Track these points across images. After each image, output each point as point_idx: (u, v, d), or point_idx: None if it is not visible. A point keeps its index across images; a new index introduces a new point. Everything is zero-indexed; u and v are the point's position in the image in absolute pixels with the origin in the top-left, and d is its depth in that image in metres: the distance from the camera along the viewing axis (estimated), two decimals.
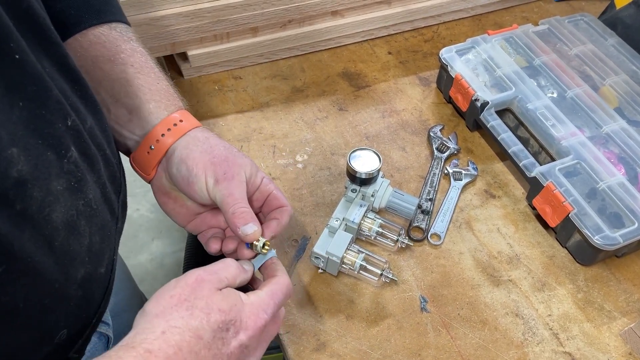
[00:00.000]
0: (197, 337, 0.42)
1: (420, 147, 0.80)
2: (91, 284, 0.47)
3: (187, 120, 0.57)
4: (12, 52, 0.37)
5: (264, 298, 0.47)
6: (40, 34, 0.43)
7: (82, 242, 0.44)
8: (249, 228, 0.52)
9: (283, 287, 0.49)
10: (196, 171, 0.54)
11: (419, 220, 0.71)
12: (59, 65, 0.45)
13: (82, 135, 0.45)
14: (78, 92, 0.47)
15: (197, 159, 0.54)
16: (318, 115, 0.83)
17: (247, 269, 0.51)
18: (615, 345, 0.62)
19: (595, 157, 0.71)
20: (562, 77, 0.80)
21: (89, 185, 0.45)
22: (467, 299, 0.65)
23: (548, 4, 1.03)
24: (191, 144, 0.55)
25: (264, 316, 0.46)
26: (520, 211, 0.73)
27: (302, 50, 0.90)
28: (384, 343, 0.61)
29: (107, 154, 0.51)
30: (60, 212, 0.41)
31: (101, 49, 0.57)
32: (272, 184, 0.57)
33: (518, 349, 0.61)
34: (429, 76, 0.89)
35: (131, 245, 1.65)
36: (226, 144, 0.57)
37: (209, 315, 0.43)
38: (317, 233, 0.69)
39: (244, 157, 0.56)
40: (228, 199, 0.52)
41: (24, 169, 0.37)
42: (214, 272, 0.46)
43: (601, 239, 0.63)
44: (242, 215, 0.52)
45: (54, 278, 0.41)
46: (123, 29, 0.59)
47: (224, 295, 0.45)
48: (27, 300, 0.40)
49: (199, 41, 0.83)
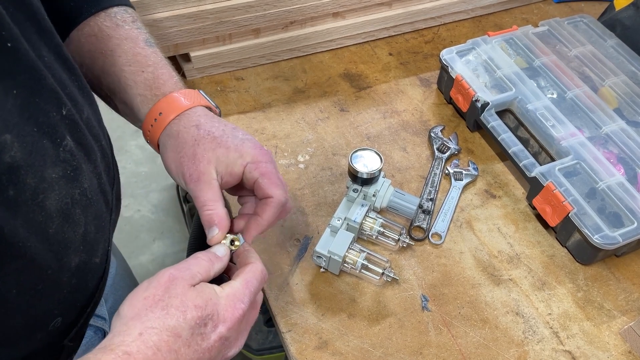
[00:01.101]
0: (175, 336, 0.41)
1: (421, 147, 0.80)
2: (86, 273, 0.47)
3: (165, 110, 0.54)
4: (4, 40, 0.37)
5: (238, 288, 0.47)
6: (37, 23, 0.43)
7: (77, 231, 0.45)
8: (209, 232, 0.51)
9: (257, 274, 0.49)
10: (170, 171, 0.54)
11: (420, 219, 0.72)
12: (56, 54, 0.45)
13: (78, 125, 0.45)
14: (75, 82, 0.48)
15: (170, 159, 0.54)
16: (319, 116, 0.83)
17: (222, 256, 0.50)
18: (614, 343, 0.62)
19: (595, 157, 0.71)
20: (562, 78, 0.81)
21: (84, 175, 0.45)
22: (468, 297, 0.65)
23: (548, 6, 1.04)
24: (167, 140, 0.54)
25: (241, 306, 0.46)
26: (521, 211, 0.74)
27: (303, 51, 0.91)
28: (386, 341, 0.61)
29: (103, 145, 0.51)
30: (54, 199, 0.41)
31: (95, 41, 0.56)
32: (257, 170, 0.53)
33: (518, 347, 0.61)
34: (430, 77, 0.90)
35: (132, 246, 1.66)
36: (201, 130, 0.53)
37: (185, 313, 0.42)
38: (319, 232, 0.70)
39: (216, 148, 0.52)
40: (195, 201, 0.52)
41: (18, 155, 0.37)
42: (186, 269, 0.46)
43: (601, 238, 0.64)
44: (205, 219, 0.51)
45: (47, 264, 0.42)
46: (119, 13, 0.58)
47: (198, 291, 0.44)
48: (19, 285, 0.40)
49: (201, 42, 0.84)
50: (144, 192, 1.75)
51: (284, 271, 0.66)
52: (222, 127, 0.54)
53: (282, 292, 0.64)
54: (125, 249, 1.65)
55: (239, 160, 0.53)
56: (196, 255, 0.48)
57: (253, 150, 0.53)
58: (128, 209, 1.71)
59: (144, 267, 1.63)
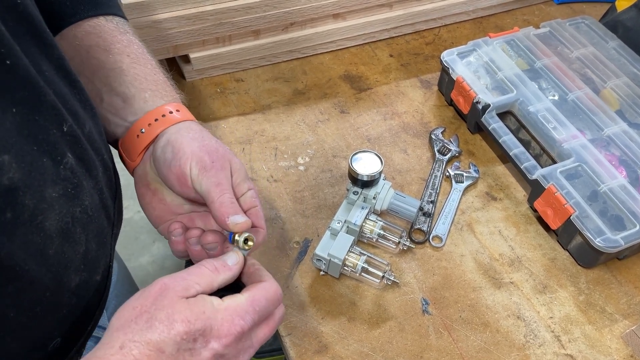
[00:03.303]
0: (158, 351, 0.39)
1: (422, 149, 0.80)
2: (86, 292, 0.46)
3: (183, 112, 0.54)
4: (3, 57, 0.36)
5: (241, 303, 0.44)
6: (38, 37, 0.42)
7: (78, 250, 0.43)
8: (239, 217, 0.48)
9: (268, 293, 0.45)
10: (181, 155, 0.50)
11: (421, 222, 0.71)
12: (58, 68, 0.44)
13: (79, 141, 0.44)
14: (77, 95, 0.47)
15: (185, 143, 0.51)
16: (320, 118, 0.83)
17: (232, 264, 0.47)
18: (616, 347, 0.62)
19: (597, 159, 0.71)
20: (563, 79, 0.80)
21: (85, 192, 0.44)
22: (469, 301, 0.65)
23: (549, 7, 1.04)
24: (183, 130, 0.52)
25: (240, 322, 0.43)
26: (522, 213, 0.74)
27: (303, 52, 0.91)
28: (386, 345, 0.61)
29: (105, 158, 0.50)
30: (54, 219, 0.40)
31: (96, 38, 0.55)
32: (257, 199, 0.52)
33: (520, 351, 0.61)
34: (431, 79, 0.90)
35: (132, 248, 1.65)
36: (221, 143, 0.54)
37: (170, 327, 0.40)
38: (318, 235, 0.69)
39: (238, 161, 0.53)
40: (216, 187, 0.49)
41: (16, 176, 0.36)
42: (182, 279, 0.43)
43: (602, 241, 0.63)
44: (231, 205, 0.48)
45: (46, 285, 0.41)
46: (120, 22, 0.58)
47: (189, 303, 0.42)
48: (16, 307, 0.39)
49: (201, 44, 0.83)
50: None
51: (284, 274, 0.66)
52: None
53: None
54: (125, 251, 1.65)
55: (246, 183, 0.51)
56: (200, 264, 0.46)
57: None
58: (128, 210, 1.71)
59: (144, 269, 1.63)
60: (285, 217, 0.71)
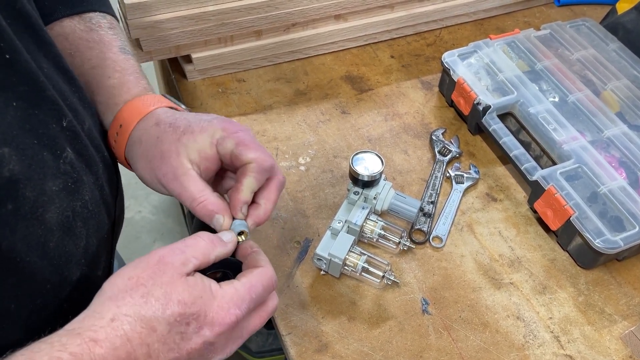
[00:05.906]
0: (150, 329, 0.38)
1: (422, 150, 0.80)
2: (88, 286, 0.46)
3: (126, 121, 0.51)
4: (3, 52, 0.37)
5: (239, 290, 0.42)
6: (36, 34, 0.42)
7: (78, 244, 0.44)
8: (215, 223, 0.47)
9: (264, 279, 0.44)
10: (147, 182, 0.50)
11: (421, 222, 0.71)
12: (56, 65, 0.45)
13: (79, 136, 0.44)
14: (76, 93, 0.47)
15: (141, 168, 0.50)
16: (321, 118, 0.83)
17: (227, 241, 0.46)
18: (615, 348, 0.62)
19: (597, 161, 0.71)
20: (564, 81, 0.81)
21: (86, 187, 0.45)
22: (469, 301, 0.65)
23: (550, 9, 1.04)
24: (132, 150, 0.51)
25: (236, 312, 0.41)
26: (522, 214, 0.74)
27: (305, 53, 0.91)
28: (386, 345, 0.61)
29: (106, 156, 0.50)
30: (55, 212, 0.40)
31: (63, 41, 0.54)
32: (229, 141, 0.47)
33: (519, 351, 0.61)
34: (431, 80, 0.90)
35: (133, 247, 1.66)
36: (161, 125, 0.49)
37: (165, 306, 0.38)
38: (319, 235, 0.69)
39: (180, 137, 0.48)
40: (183, 201, 0.48)
41: (16, 168, 0.37)
42: (181, 252, 0.42)
43: (602, 242, 0.63)
44: (202, 212, 0.47)
45: (46, 278, 0.41)
46: (95, 18, 0.56)
47: (188, 284, 0.40)
48: (18, 299, 0.39)
49: (203, 44, 0.84)
50: (144, 194, 1.75)
51: (284, 273, 0.66)
52: (184, 116, 0.50)
53: (282, 295, 0.64)
54: (126, 250, 1.65)
55: (208, 140, 0.48)
56: (197, 235, 0.44)
57: (221, 124, 0.49)
58: (129, 210, 1.71)
59: None
60: (286, 217, 0.71)
